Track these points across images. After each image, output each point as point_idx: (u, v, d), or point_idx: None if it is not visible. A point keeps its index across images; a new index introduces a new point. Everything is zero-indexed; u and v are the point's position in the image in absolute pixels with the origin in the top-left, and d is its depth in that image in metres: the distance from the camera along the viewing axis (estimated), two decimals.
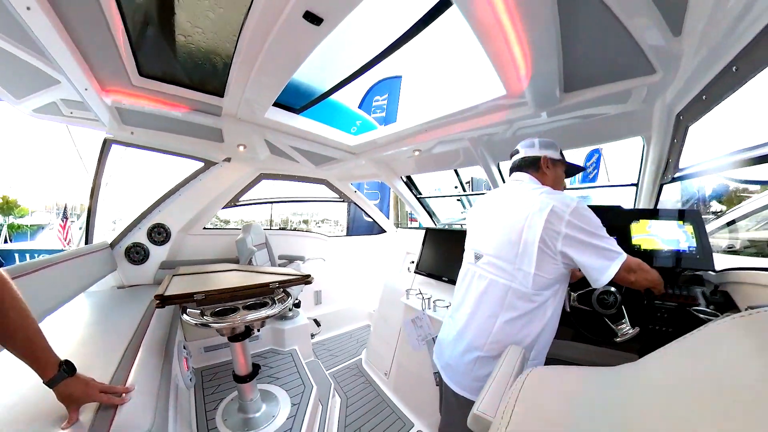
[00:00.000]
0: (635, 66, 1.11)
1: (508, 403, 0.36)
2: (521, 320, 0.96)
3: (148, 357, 1.19)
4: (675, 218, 1.46)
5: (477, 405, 0.37)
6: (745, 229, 4.13)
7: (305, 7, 0.95)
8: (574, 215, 0.91)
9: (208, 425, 1.56)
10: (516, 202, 1.03)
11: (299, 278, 1.56)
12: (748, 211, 3.74)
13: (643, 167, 1.69)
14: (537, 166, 1.12)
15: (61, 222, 9.01)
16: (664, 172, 1.62)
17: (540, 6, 0.90)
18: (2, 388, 0.93)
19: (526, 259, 0.94)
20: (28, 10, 0.97)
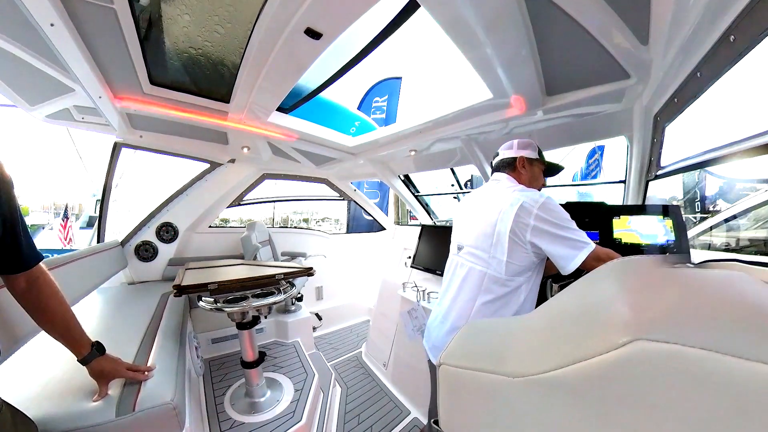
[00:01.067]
0: (611, 71, 1.18)
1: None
2: (497, 303, 1.07)
3: (165, 342, 1.30)
4: (655, 213, 1.52)
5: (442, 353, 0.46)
6: (743, 228, 4.18)
7: (306, 24, 1.04)
8: (541, 209, 1.01)
9: (217, 409, 1.66)
10: (492, 200, 1.14)
11: (302, 270, 1.67)
12: (742, 209, 3.80)
13: (629, 165, 1.76)
14: (513, 166, 1.22)
15: (61, 222, 9.10)
16: (648, 170, 1.69)
17: (511, 19, 0.97)
18: (36, 368, 1.04)
19: (499, 249, 1.06)
20: (51, 27, 1.05)
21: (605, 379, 0.28)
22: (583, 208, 1.75)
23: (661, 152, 1.58)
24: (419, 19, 1.18)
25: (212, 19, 1.14)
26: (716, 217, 3.94)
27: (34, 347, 1.10)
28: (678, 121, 1.35)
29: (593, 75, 1.24)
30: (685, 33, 0.89)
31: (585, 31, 0.99)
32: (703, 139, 1.34)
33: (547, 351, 0.33)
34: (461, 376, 0.40)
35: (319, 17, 1.01)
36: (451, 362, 0.42)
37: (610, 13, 0.91)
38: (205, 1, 1.06)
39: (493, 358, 0.38)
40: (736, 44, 0.81)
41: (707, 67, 0.97)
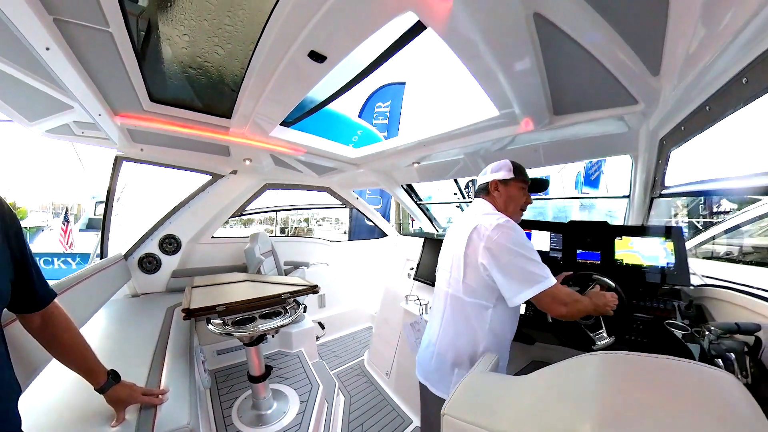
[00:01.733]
0: (619, 97, 1.16)
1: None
2: (459, 324, 1.08)
3: (175, 362, 1.30)
4: (657, 235, 1.53)
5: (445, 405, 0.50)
6: (747, 234, 4.20)
7: (310, 47, 1.03)
8: (495, 230, 0.99)
9: (225, 421, 1.67)
10: (463, 224, 1.15)
11: (307, 288, 1.67)
12: (743, 221, 3.81)
13: (633, 183, 1.76)
14: (487, 190, 1.22)
15: (62, 225, 9.08)
16: (653, 188, 1.69)
17: (520, 43, 0.95)
18: (53, 396, 1.04)
19: (457, 268, 1.08)
20: (47, 50, 1.04)
21: None
22: (585, 228, 1.75)
23: (665, 173, 1.59)
24: (427, 33, 1.18)
25: (212, 40, 1.13)
26: (717, 227, 3.96)
27: (48, 375, 1.10)
28: (687, 146, 1.35)
29: (601, 99, 1.23)
30: (698, 69, 0.89)
31: (595, 59, 0.98)
32: (708, 167, 1.35)
33: (532, 418, 0.37)
34: (463, 429, 0.43)
35: (323, 41, 1.00)
36: (454, 414, 0.45)
37: (622, 44, 0.90)
38: (205, 22, 1.04)
39: (490, 415, 0.41)
40: (749, 86, 0.82)
41: (717, 103, 0.98)
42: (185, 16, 0.98)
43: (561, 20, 0.86)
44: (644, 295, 1.46)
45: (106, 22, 0.94)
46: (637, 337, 1.35)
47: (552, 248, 1.79)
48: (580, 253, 1.71)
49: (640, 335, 1.35)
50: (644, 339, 1.33)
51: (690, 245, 4.41)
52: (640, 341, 1.35)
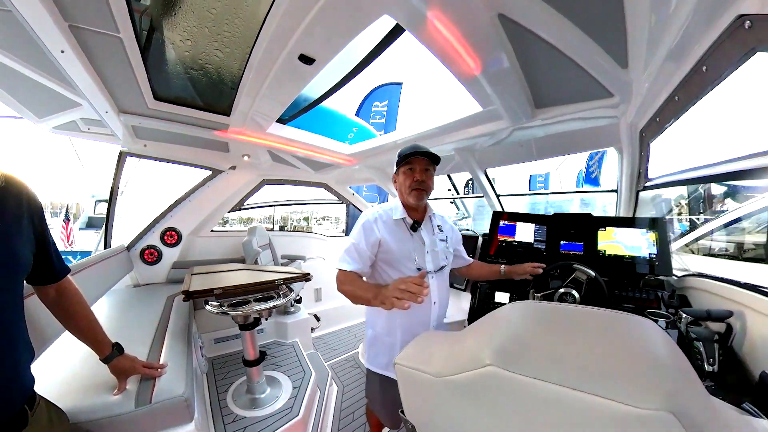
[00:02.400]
0: (594, 90, 1.23)
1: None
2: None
3: (174, 342, 1.42)
4: (640, 226, 1.58)
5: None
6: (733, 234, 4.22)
7: (300, 51, 1.14)
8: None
9: (220, 404, 1.78)
10: None
11: (299, 276, 1.78)
12: (733, 218, 3.85)
13: (620, 175, 1.81)
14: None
15: (63, 223, 9.22)
16: (638, 182, 1.75)
17: (492, 41, 1.02)
18: (61, 366, 1.16)
19: None
20: (62, 53, 1.15)
21: (477, 387, 0.42)
22: (569, 220, 1.83)
23: (647, 166, 1.65)
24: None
25: (212, 45, 1.24)
26: (706, 225, 4.02)
27: (58, 347, 1.21)
28: (668, 137, 1.40)
29: (578, 92, 1.29)
30: (660, 60, 0.95)
31: (564, 55, 1.04)
32: (690, 156, 1.41)
33: (454, 359, 0.45)
34: (409, 374, 0.52)
35: (311, 44, 1.11)
36: (402, 362, 0.54)
37: (586, 40, 0.96)
38: (205, 29, 1.15)
39: (426, 361, 0.49)
40: (708, 74, 0.89)
41: (683, 93, 1.04)
42: (188, 23, 1.10)
43: (524, 19, 0.93)
44: (628, 285, 1.49)
45: (116, 29, 1.05)
46: None
47: (536, 239, 1.87)
48: (563, 244, 1.78)
49: None
50: None
51: (685, 241, 4.47)
52: None
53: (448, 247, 1.30)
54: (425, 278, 1.01)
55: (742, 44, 0.74)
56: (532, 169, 10.96)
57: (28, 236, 0.76)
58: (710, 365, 0.95)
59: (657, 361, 0.34)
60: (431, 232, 1.28)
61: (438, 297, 1.24)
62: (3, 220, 0.68)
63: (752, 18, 0.67)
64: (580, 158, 9.20)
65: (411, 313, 1.07)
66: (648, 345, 0.36)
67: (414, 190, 1.19)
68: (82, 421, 0.91)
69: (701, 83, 0.94)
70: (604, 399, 0.32)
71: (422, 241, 1.24)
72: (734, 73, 0.85)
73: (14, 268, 0.71)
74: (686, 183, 1.55)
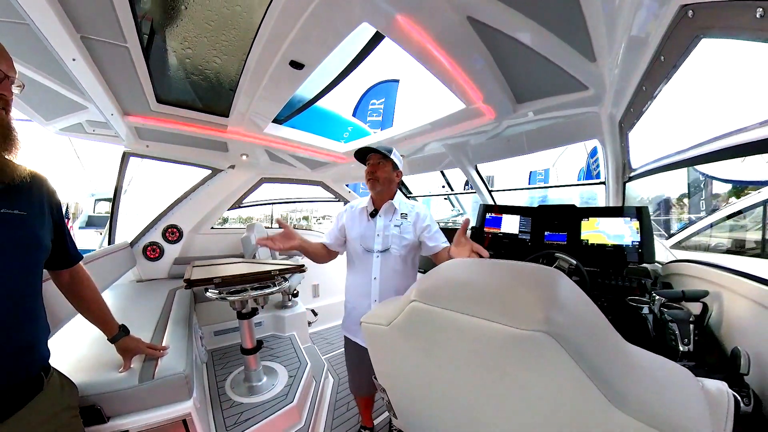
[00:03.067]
0: (569, 84, 1.29)
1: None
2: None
3: (175, 328, 1.53)
4: (623, 215, 1.63)
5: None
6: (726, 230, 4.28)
7: (290, 58, 1.25)
8: None
9: (219, 392, 1.89)
10: None
11: (294, 267, 1.90)
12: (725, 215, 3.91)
13: (606, 167, 1.87)
14: None
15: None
16: (623, 173, 1.82)
17: (465, 41, 1.10)
18: (71, 345, 1.27)
19: None
20: (73, 61, 1.26)
21: (408, 323, 0.52)
22: (552, 211, 1.92)
23: (629, 156, 1.71)
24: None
25: (211, 52, 1.36)
26: (701, 222, 4.10)
27: (69, 329, 1.33)
28: (645, 126, 1.43)
29: (555, 86, 1.36)
30: (622, 51, 1.01)
31: (536, 52, 1.12)
32: (670, 142, 1.45)
33: (398, 306, 0.55)
34: (372, 330, 0.62)
35: (300, 51, 1.22)
36: (366, 320, 0.64)
37: (553, 37, 1.03)
38: (205, 38, 1.27)
39: (382, 315, 0.59)
40: (666, 63, 0.95)
41: (648, 82, 1.09)
42: (189, 33, 1.22)
43: (491, 21, 1.00)
44: (612, 274, 1.53)
45: (124, 39, 1.17)
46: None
47: (521, 231, 1.96)
48: (547, 235, 1.87)
49: (604, 312, 1.43)
50: (608, 316, 1.42)
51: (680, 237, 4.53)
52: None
53: (401, 234, 1.44)
54: (372, 256, 1.44)
55: (689, 32, 0.80)
56: (532, 165, 11.01)
57: (49, 224, 0.88)
58: (685, 345, 0.96)
59: (545, 295, 0.40)
60: (389, 219, 1.48)
61: (379, 274, 1.44)
62: (29, 209, 0.80)
63: (693, 7, 0.73)
64: (579, 154, 9.25)
65: (357, 286, 1.49)
66: (545, 286, 0.43)
67: (368, 180, 1.46)
68: (90, 394, 1.01)
69: (662, 72, 0.99)
70: (495, 323, 0.40)
71: (375, 225, 1.48)
72: (690, 60, 0.90)
73: (37, 250, 0.82)
74: (666, 169, 1.59)
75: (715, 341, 1.03)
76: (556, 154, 8.66)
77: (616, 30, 0.94)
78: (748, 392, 0.70)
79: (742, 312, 0.98)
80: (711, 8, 0.69)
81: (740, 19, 0.63)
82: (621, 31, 0.93)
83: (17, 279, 0.76)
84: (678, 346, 0.97)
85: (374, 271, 1.44)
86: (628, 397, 0.37)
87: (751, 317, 0.93)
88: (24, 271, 0.78)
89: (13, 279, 0.74)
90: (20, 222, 0.77)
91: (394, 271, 1.43)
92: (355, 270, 1.53)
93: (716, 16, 0.70)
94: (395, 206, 1.49)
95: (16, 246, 0.75)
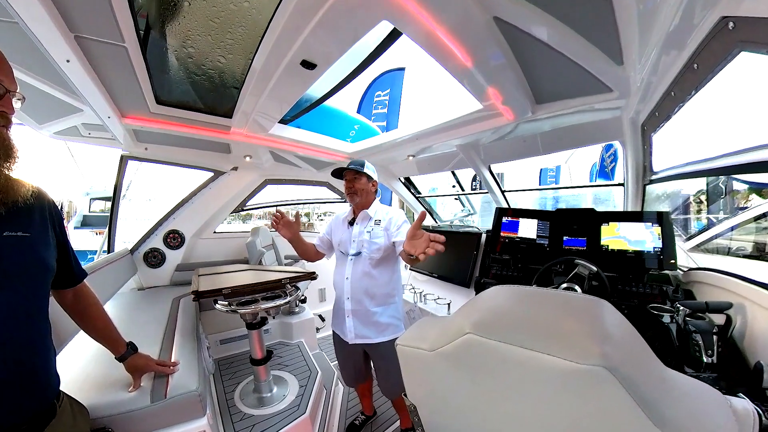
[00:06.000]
0: (593, 86, 1.27)
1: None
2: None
3: (184, 341, 1.50)
4: (644, 220, 1.60)
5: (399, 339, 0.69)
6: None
7: (302, 57, 1.20)
8: None
9: (228, 403, 1.87)
10: None
11: (305, 275, 1.86)
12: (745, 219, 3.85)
13: (626, 169, 1.85)
14: None
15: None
16: (643, 175, 1.79)
17: (489, 42, 1.07)
18: (78, 364, 1.24)
19: None
20: (67, 62, 1.20)
21: (460, 353, 0.52)
22: (572, 215, 1.88)
23: (651, 159, 1.69)
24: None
25: (215, 51, 1.30)
26: (722, 224, 4.03)
27: (73, 348, 1.30)
28: (672, 131, 1.44)
29: (578, 88, 1.34)
30: (654, 57, 1.01)
31: (561, 54, 1.10)
32: (696, 150, 1.44)
33: (444, 334, 0.54)
34: (409, 353, 0.62)
35: (313, 51, 1.16)
36: (402, 343, 0.64)
37: (581, 39, 1.02)
38: (209, 36, 1.21)
39: (422, 339, 0.59)
40: (700, 71, 0.95)
41: (678, 88, 1.10)
42: (192, 32, 1.16)
43: (518, 22, 0.98)
44: (632, 280, 1.52)
45: (122, 39, 1.11)
46: None
47: (539, 235, 1.92)
48: (566, 240, 1.84)
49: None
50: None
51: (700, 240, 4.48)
52: None
53: (371, 239, 1.60)
54: (347, 259, 1.66)
55: (727, 44, 0.80)
56: (542, 162, 10.93)
57: (52, 243, 0.84)
58: (708, 356, 0.98)
59: (598, 329, 0.42)
60: (364, 226, 1.65)
61: (351, 275, 1.62)
62: (32, 230, 0.76)
63: (734, 20, 0.73)
64: (592, 151, 9.12)
65: (337, 286, 1.73)
66: (595, 318, 0.44)
67: (347, 194, 1.67)
68: (100, 417, 0.98)
69: (694, 80, 1.00)
70: (553, 356, 0.42)
71: (351, 232, 1.67)
72: (727, 70, 0.91)
73: (43, 272, 0.78)
74: (691, 176, 1.58)
75: (738, 353, 1.04)
76: (568, 151, 8.59)
77: (650, 35, 0.93)
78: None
79: (766, 324, 0.99)
80: (753, 23, 0.70)
81: None
82: (655, 37, 0.93)
83: (26, 304, 0.73)
84: (702, 357, 0.99)
85: (347, 271, 1.64)
86: (670, 419, 0.40)
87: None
88: (32, 295, 0.75)
89: (23, 304, 0.72)
90: (24, 244, 0.74)
91: (363, 273, 1.59)
92: (336, 272, 1.74)
93: (758, 31, 0.70)
94: (370, 215, 1.66)
95: (22, 270, 0.72)
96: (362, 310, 1.61)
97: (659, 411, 0.39)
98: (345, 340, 1.70)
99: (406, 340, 0.63)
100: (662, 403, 0.41)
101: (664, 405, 0.41)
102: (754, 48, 0.76)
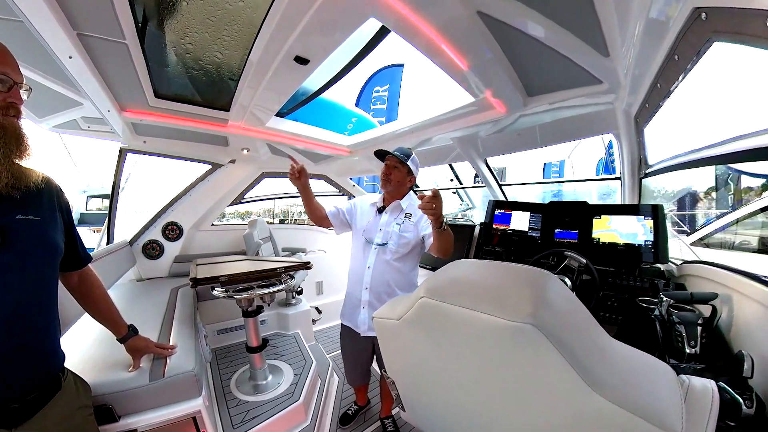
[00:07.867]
0: (583, 78, 1.31)
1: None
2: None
3: (182, 327, 1.60)
4: (636, 213, 1.64)
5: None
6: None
7: (295, 53, 1.27)
8: None
9: (224, 390, 1.97)
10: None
11: (300, 264, 1.94)
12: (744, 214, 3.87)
13: (622, 162, 1.88)
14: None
15: None
16: (639, 168, 1.82)
17: (476, 36, 1.12)
18: (80, 345, 1.34)
19: None
20: (70, 59, 1.28)
21: (417, 317, 0.60)
22: (563, 208, 1.93)
23: (646, 152, 1.73)
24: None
25: (212, 47, 1.38)
26: (724, 218, 4.07)
27: (76, 330, 1.39)
28: (662, 122, 1.47)
29: (567, 80, 1.37)
30: (636, 48, 1.04)
31: (548, 47, 1.14)
32: (689, 140, 1.45)
33: (408, 302, 0.62)
34: (382, 324, 0.69)
35: (305, 47, 1.24)
36: (377, 315, 0.72)
37: (566, 32, 1.06)
38: (206, 33, 1.29)
39: (392, 311, 0.66)
40: (680, 62, 0.99)
41: (663, 80, 1.13)
42: (191, 29, 1.24)
43: (502, 15, 1.03)
44: (624, 273, 1.56)
45: (123, 36, 1.19)
46: (612, 314, 1.45)
47: (531, 228, 1.99)
48: (558, 232, 1.90)
49: (614, 312, 1.44)
50: (618, 316, 1.43)
51: (702, 234, 4.53)
52: (615, 318, 1.45)
53: (401, 232, 1.57)
54: (371, 247, 1.61)
55: (701, 35, 0.84)
56: (546, 157, 10.93)
57: (60, 226, 0.92)
58: (691, 347, 0.99)
59: (537, 295, 0.48)
60: (395, 216, 1.62)
61: (373, 264, 1.59)
62: (42, 213, 0.84)
63: (707, 10, 0.76)
64: (596, 145, 9.12)
65: (354, 274, 1.68)
66: (537, 287, 0.50)
67: (381, 179, 1.62)
68: (101, 394, 1.07)
69: (677, 70, 1.04)
70: (492, 316, 0.48)
71: (380, 220, 1.64)
72: (708, 61, 0.94)
73: (53, 254, 0.87)
74: (684, 167, 1.59)
75: (723, 344, 1.05)
76: (571, 145, 8.60)
77: (628, 27, 0.96)
78: (751, 395, 0.73)
79: (750, 315, 1.00)
80: (723, 13, 0.73)
81: (751, 26, 0.66)
82: (633, 29, 0.96)
83: (39, 283, 0.81)
84: (684, 347, 1.00)
85: (369, 260, 1.60)
86: (606, 383, 0.44)
87: (758, 320, 0.95)
88: (44, 275, 0.83)
89: (36, 283, 0.80)
90: (36, 227, 0.81)
91: (387, 264, 1.57)
92: (355, 259, 1.70)
93: (728, 21, 0.74)
94: (402, 207, 1.62)
95: (34, 252, 0.80)
96: (380, 302, 1.56)
97: (595, 374, 0.44)
98: (356, 332, 1.65)
99: (381, 312, 0.71)
100: (600, 367, 0.46)
101: (602, 370, 0.45)
102: (726, 38, 0.79)
